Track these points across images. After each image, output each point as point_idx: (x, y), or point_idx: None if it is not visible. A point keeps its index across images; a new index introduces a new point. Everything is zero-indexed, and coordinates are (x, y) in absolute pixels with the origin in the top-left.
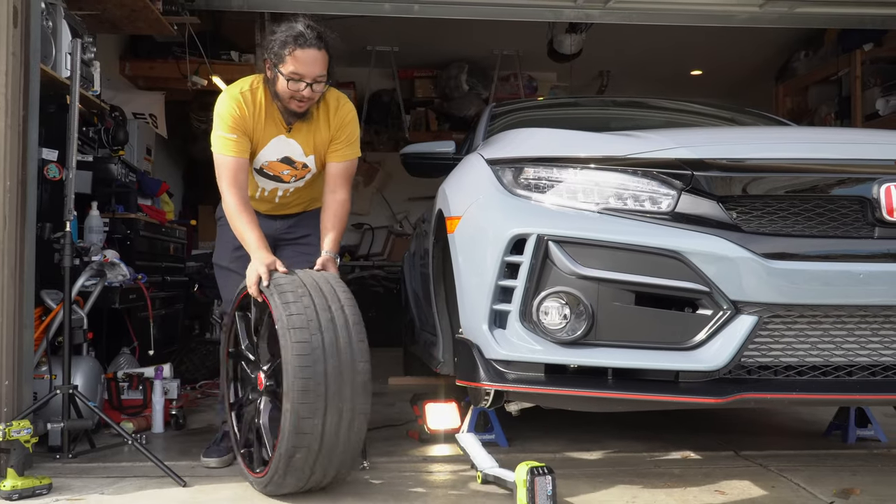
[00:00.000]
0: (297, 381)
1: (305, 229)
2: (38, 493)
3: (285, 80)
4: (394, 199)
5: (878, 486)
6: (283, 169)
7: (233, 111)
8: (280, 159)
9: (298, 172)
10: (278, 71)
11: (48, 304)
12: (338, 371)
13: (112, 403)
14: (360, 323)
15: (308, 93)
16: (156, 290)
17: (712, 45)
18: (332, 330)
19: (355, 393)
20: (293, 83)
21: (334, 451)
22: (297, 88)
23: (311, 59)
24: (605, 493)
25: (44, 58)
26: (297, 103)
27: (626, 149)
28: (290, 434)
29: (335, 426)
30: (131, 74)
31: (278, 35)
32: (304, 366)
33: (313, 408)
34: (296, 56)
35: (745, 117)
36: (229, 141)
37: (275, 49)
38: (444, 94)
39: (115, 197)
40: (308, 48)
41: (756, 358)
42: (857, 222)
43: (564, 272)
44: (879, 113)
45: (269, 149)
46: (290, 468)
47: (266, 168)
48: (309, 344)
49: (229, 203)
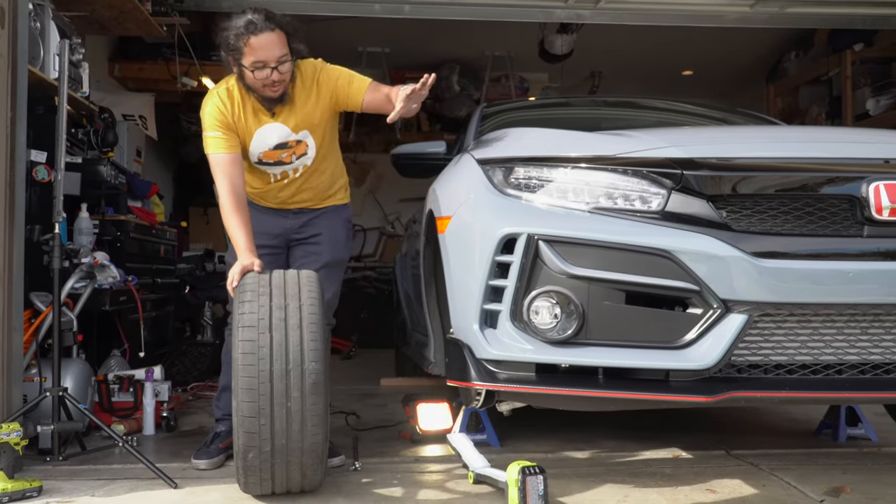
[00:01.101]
0: (241, 379)
1: (316, 229)
2: (29, 496)
3: (250, 71)
4: (385, 200)
5: (869, 485)
6: (281, 153)
7: (213, 111)
8: (273, 147)
9: (297, 149)
10: (241, 65)
11: (38, 307)
12: (284, 371)
13: (103, 406)
14: (316, 323)
15: (276, 76)
16: (146, 292)
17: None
18: (283, 329)
19: (305, 394)
20: (258, 71)
21: (292, 453)
22: (264, 76)
23: (268, 42)
24: (597, 492)
25: (32, 59)
26: (271, 89)
27: (617, 148)
28: (238, 433)
29: (284, 427)
30: (121, 76)
31: (229, 31)
32: (247, 364)
33: (256, 407)
34: (251, 45)
35: (736, 117)
36: (216, 139)
37: (230, 46)
38: (436, 94)
39: (105, 199)
40: (261, 33)
41: (746, 356)
42: (847, 221)
43: (555, 272)
44: (870, 113)
45: (258, 139)
46: (246, 468)
47: (264, 158)
48: (255, 343)
49: (223, 201)
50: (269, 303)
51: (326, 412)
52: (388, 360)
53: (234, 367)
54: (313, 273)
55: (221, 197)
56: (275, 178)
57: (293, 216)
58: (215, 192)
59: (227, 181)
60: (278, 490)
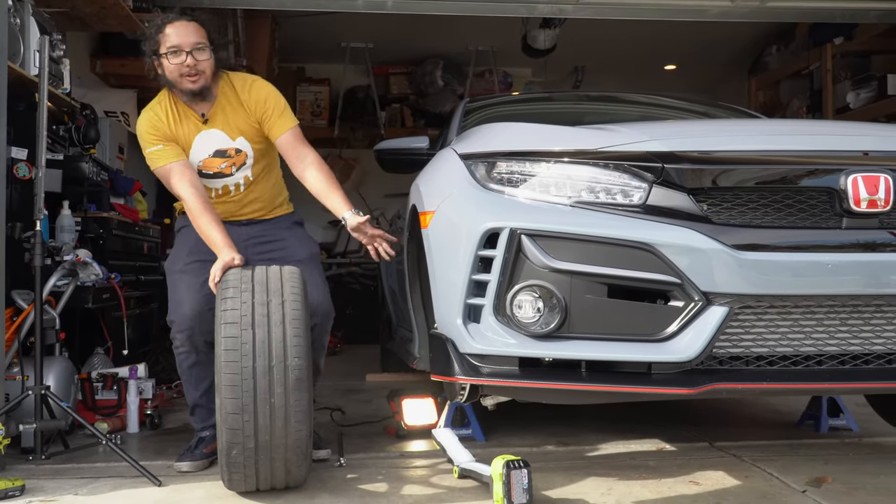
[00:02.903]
0: (224, 376)
1: (278, 234)
2: (11, 495)
3: (167, 58)
4: (370, 196)
5: (851, 475)
6: (220, 163)
7: (148, 126)
8: (212, 154)
9: (236, 159)
10: (160, 57)
11: (19, 305)
12: (267, 368)
13: (86, 404)
14: (299, 319)
15: (191, 61)
16: (129, 289)
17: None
18: (266, 326)
19: (289, 390)
20: (174, 57)
21: (276, 450)
22: (179, 61)
23: (183, 29)
24: (581, 485)
25: (11, 55)
26: (189, 79)
27: (598, 142)
28: (222, 430)
29: (268, 424)
30: (102, 72)
31: (149, 31)
32: (230, 361)
33: (240, 404)
34: (167, 33)
35: (718, 111)
36: (159, 152)
37: (150, 44)
38: (420, 90)
39: (87, 196)
40: (176, 21)
41: (727, 349)
42: (826, 213)
43: (537, 265)
44: (850, 106)
45: (196, 148)
46: (230, 465)
47: (203, 168)
48: (237, 339)
49: (189, 203)
50: (251, 299)
51: (310, 408)
52: (373, 356)
53: (217, 364)
54: (296, 269)
55: (187, 201)
56: (216, 193)
57: (245, 226)
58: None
59: (186, 185)
60: (262, 487)
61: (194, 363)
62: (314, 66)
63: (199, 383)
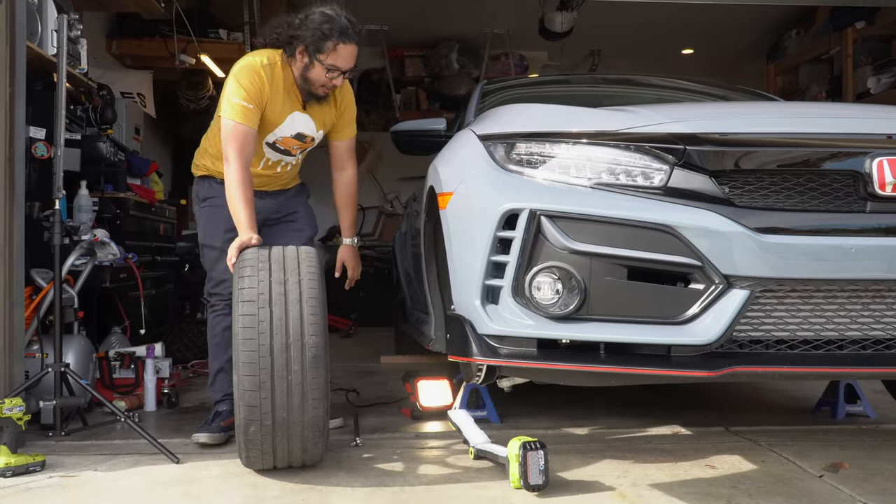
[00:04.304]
0: (242, 353)
1: (293, 206)
2: (32, 470)
3: (323, 69)
4: (384, 179)
5: (867, 461)
6: (294, 144)
7: (251, 82)
8: (294, 135)
9: (308, 145)
10: (316, 59)
11: (38, 283)
12: (284, 345)
13: (104, 382)
14: (316, 297)
15: (340, 81)
16: (146, 269)
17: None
18: (283, 304)
19: (306, 368)
20: (331, 73)
21: (293, 427)
22: (332, 77)
23: (352, 53)
24: (596, 467)
25: (30, 35)
26: (325, 89)
27: (619, 124)
28: (240, 407)
29: (285, 401)
30: (119, 53)
31: (318, 24)
32: (247, 338)
33: (257, 381)
34: (338, 50)
35: (737, 94)
36: (245, 109)
37: (315, 38)
38: (435, 73)
39: (105, 176)
40: (350, 43)
41: (748, 332)
42: (849, 197)
43: (557, 247)
44: (871, 91)
45: (286, 124)
46: (248, 442)
47: (279, 143)
48: (255, 317)
49: (234, 173)
50: (268, 278)
51: (327, 386)
52: (387, 339)
53: (235, 342)
54: (312, 249)
55: (232, 168)
56: (266, 163)
57: (270, 197)
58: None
59: (241, 154)
60: (279, 464)
61: (228, 327)
62: None
63: (227, 348)
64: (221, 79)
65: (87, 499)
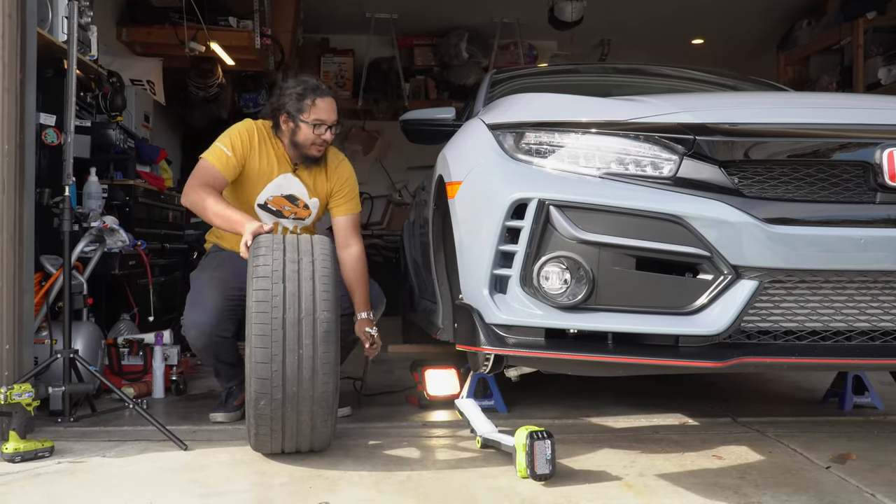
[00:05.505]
0: (255, 326)
1: None
2: (41, 456)
3: (310, 126)
4: (393, 168)
5: (874, 452)
6: (285, 204)
7: (240, 134)
8: (285, 195)
9: (299, 212)
10: (300, 121)
11: (48, 270)
12: (297, 319)
13: (112, 369)
14: (328, 276)
15: (329, 136)
16: (155, 257)
17: (713, 13)
18: (296, 280)
19: (317, 342)
20: (317, 128)
21: (303, 402)
22: (320, 133)
23: (331, 105)
24: (603, 457)
25: (40, 21)
26: (318, 148)
27: (628, 113)
28: (251, 380)
29: (296, 374)
30: (128, 40)
31: (292, 88)
32: (261, 311)
33: (269, 353)
34: (318, 104)
35: (747, 84)
36: (221, 153)
37: (293, 101)
38: (444, 62)
39: (114, 163)
40: (325, 96)
41: (756, 323)
42: (859, 187)
43: (565, 237)
44: (882, 82)
45: (275, 183)
46: (257, 416)
47: (270, 203)
48: (268, 292)
49: (205, 202)
50: (282, 257)
51: (337, 362)
52: (394, 328)
53: (248, 316)
54: (325, 237)
55: (198, 195)
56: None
57: None
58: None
59: (204, 185)
60: (288, 446)
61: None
62: (338, 37)
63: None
64: (231, 66)
65: (96, 484)
